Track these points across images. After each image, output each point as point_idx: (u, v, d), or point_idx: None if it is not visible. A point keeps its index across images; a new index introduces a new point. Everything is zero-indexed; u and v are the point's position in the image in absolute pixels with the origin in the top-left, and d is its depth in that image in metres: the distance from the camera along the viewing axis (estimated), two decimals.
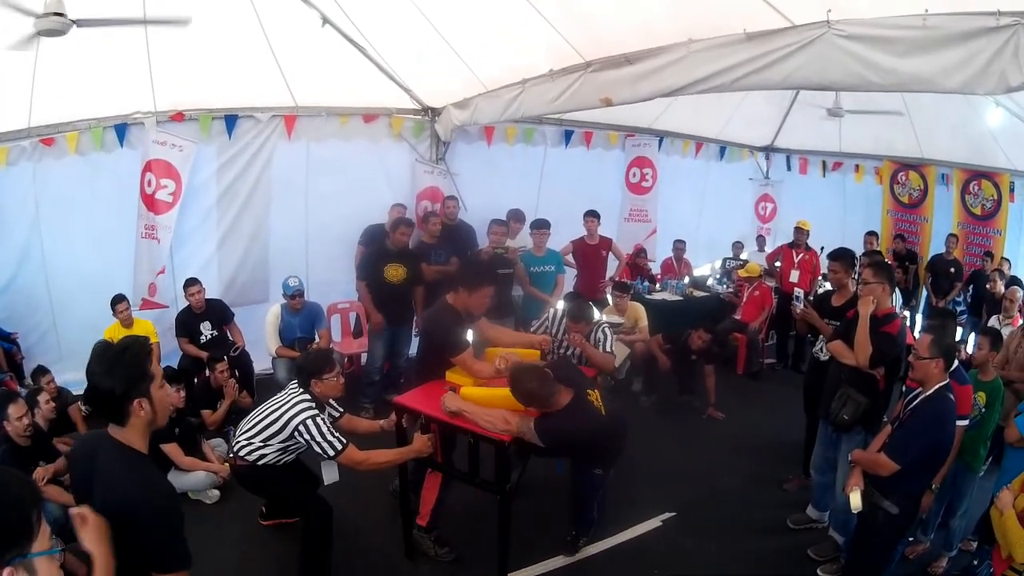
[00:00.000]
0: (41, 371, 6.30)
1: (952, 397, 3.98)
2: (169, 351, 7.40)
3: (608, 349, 5.66)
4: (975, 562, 4.53)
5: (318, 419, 4.29)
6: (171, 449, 5.59)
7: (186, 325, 7.23)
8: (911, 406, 4.06)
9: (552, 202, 9.62)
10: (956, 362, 4.37)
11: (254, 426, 4.45)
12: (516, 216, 8.43)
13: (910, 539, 4.98)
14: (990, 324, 7.55)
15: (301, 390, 4.44)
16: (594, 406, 4.58)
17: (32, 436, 5.08)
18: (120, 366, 2.29)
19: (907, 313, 10.14)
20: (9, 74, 6.00)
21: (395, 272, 7.16)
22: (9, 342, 6.96)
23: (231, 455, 4.67)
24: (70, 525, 2.16)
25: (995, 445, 4.99)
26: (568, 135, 9.76)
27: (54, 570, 1.83)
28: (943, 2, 3.64)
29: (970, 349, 6.11)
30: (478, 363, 4.96)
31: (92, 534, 2.13)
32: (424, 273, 7.42)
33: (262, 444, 4.40)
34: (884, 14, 3.90)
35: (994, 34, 3.47)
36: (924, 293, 10.53)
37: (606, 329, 5.83)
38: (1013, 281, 8.52)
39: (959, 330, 9.25)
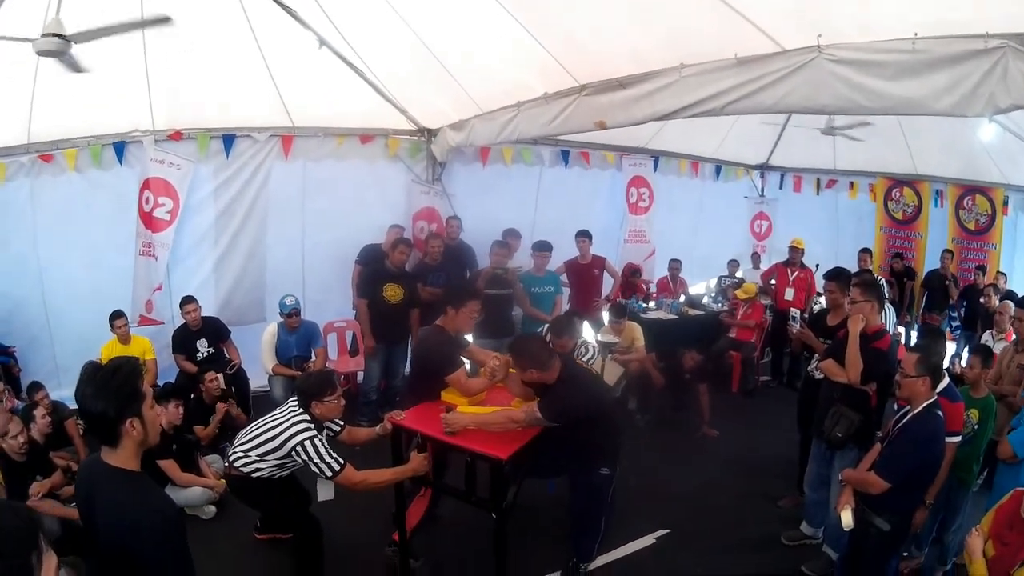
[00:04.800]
0: (36, 387, 6.33)
1: (940, 414, 3.99)
2: (165, 368, 7.44)
3: (590, 362, 5.69)
4: None
5: (316, 440, 4.30)
6: (168, 465, 5.60)
7: (182, 342, 7.27)
8: (899, 424, 4.09)
9: (549, 222, 9.66)
10: (947, 379, 4.40)
11: (251, 440, 4.47)
12: (513, 234, 8.46)
13: (904, 554, 4.99)
14: (983, 340, 7.56)
15: (300, 409, 4.45)
16: (584, 367, 4.68)
17: (28, 451, 5.10)
18: (111, 387, 2.29)
19: (901, 330, 10.16)
20: (9, 91, 6.07)
21: (393, 292, 7.21)
22: (6, 355, 6.98)
23: (226, 464, 4.69)
24: (68, 537, 2.16)
25: (988, 461, 4.99)
26: (565, 155, 9.80)
27: None
28: (932, 26, 3.66)
29: (964, 364, 6.12)
30: (471, 380, 5.00)
31: None
32: (420, 294, 7.47)
33: (258, 459, 4.42)
34: (874, 38, 3.93)
35: (983, 56, 3.49)
36: (920, 309, 10.53)
37: (588, 344, 5.87)
38: (1007, 296, 8.56)
39: (953, 345, 9.29)
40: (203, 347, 7.31)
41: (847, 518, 4.15)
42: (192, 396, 6.70)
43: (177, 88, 6.78)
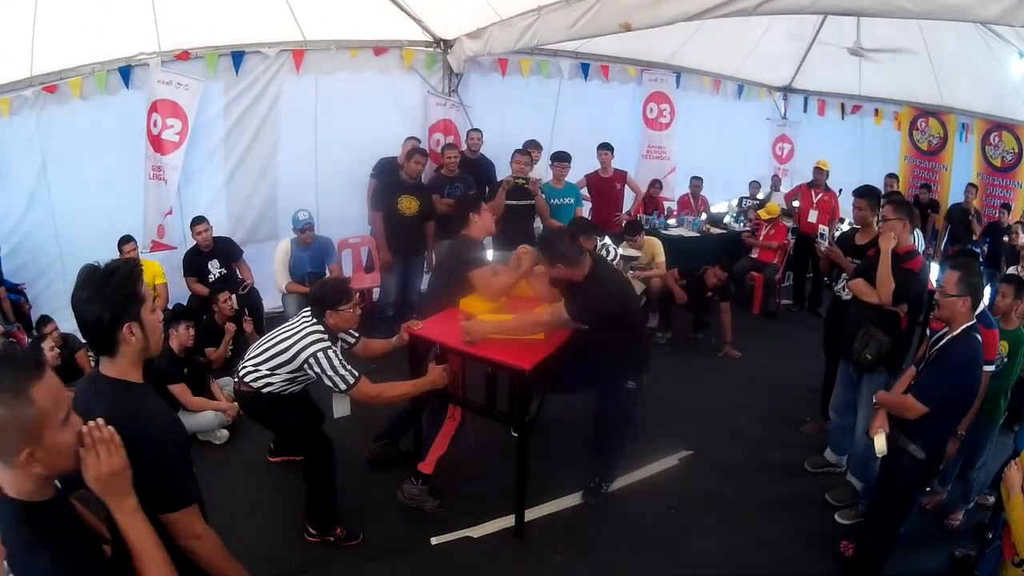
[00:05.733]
0: (44, 320, 6.19)
1: (979, 338, 3.82)
2: (177, 294, 7.36)
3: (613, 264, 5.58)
4: (990, 518, 4.34)
5: (329, 352, 4.16)
6: (179, 390, 5.56)
7: (194, 264, 7.18)
8: (937, 346, 3.91)
9: (567, 136, 9.43)
10: (982, 305, 4.23)
11: (262, 353, 4.33)
12: (534, 145, 8.32)
13: (927, 489, 4.90)
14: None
15: (314, 320, 4.30)
16: (613, 267, 4.61)
17: None
18: (107, 290, 2.10)
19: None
20: (9, 24, 5.84)
21: (408, 204, 7.15)
22: (16, 293, 6.88)
23: (235, 379, 4.56)
24: None
25: (1015, 398, 4.89)
26: (585, 68, 9.63)
27: None
28: None
29: (986, 300, 5.98)
30: (497, 277, 4.88)
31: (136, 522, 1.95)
32: (436, 206, 7.40)
33: (269, 372, 4.28)
34: None
35: None
36: (943, 243, 10.39)
37: (610, 247, 5.78)
38: None
39: None
40: (215, 268, 7.22)
41: (880, 443, 3.99)
42: (204, 318, 6.63)
43: (183, 6, 6.54)
